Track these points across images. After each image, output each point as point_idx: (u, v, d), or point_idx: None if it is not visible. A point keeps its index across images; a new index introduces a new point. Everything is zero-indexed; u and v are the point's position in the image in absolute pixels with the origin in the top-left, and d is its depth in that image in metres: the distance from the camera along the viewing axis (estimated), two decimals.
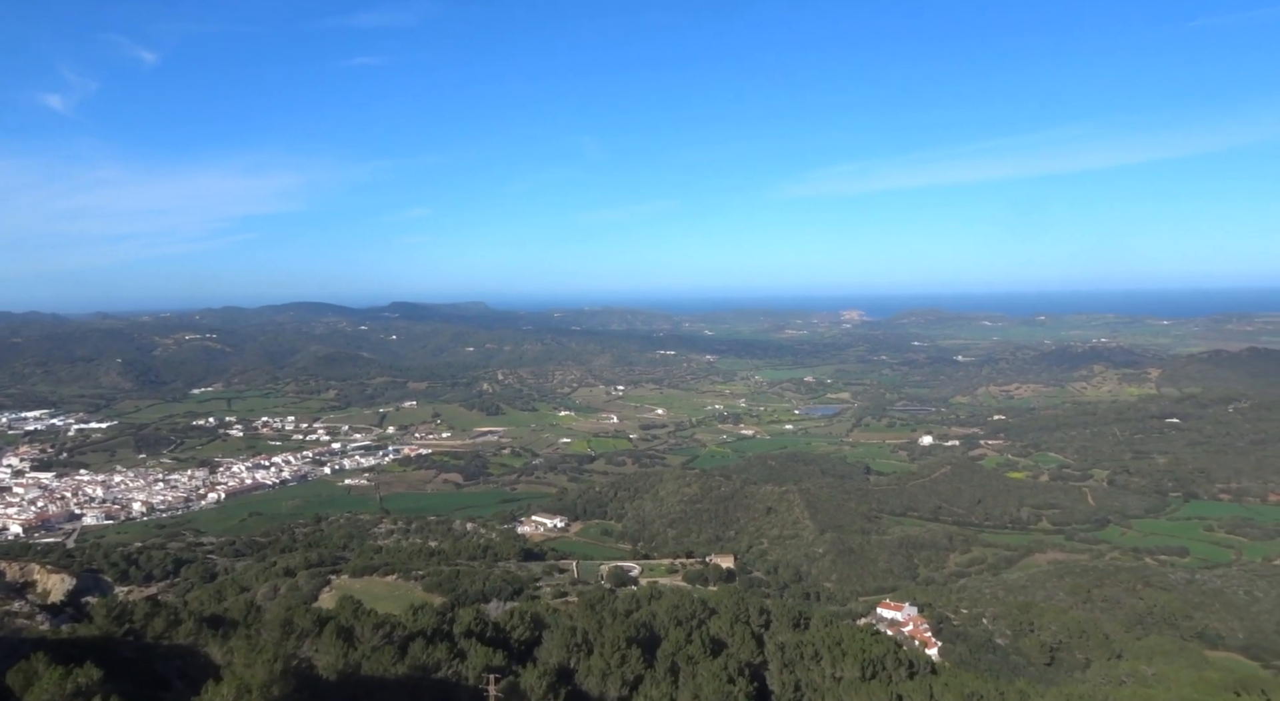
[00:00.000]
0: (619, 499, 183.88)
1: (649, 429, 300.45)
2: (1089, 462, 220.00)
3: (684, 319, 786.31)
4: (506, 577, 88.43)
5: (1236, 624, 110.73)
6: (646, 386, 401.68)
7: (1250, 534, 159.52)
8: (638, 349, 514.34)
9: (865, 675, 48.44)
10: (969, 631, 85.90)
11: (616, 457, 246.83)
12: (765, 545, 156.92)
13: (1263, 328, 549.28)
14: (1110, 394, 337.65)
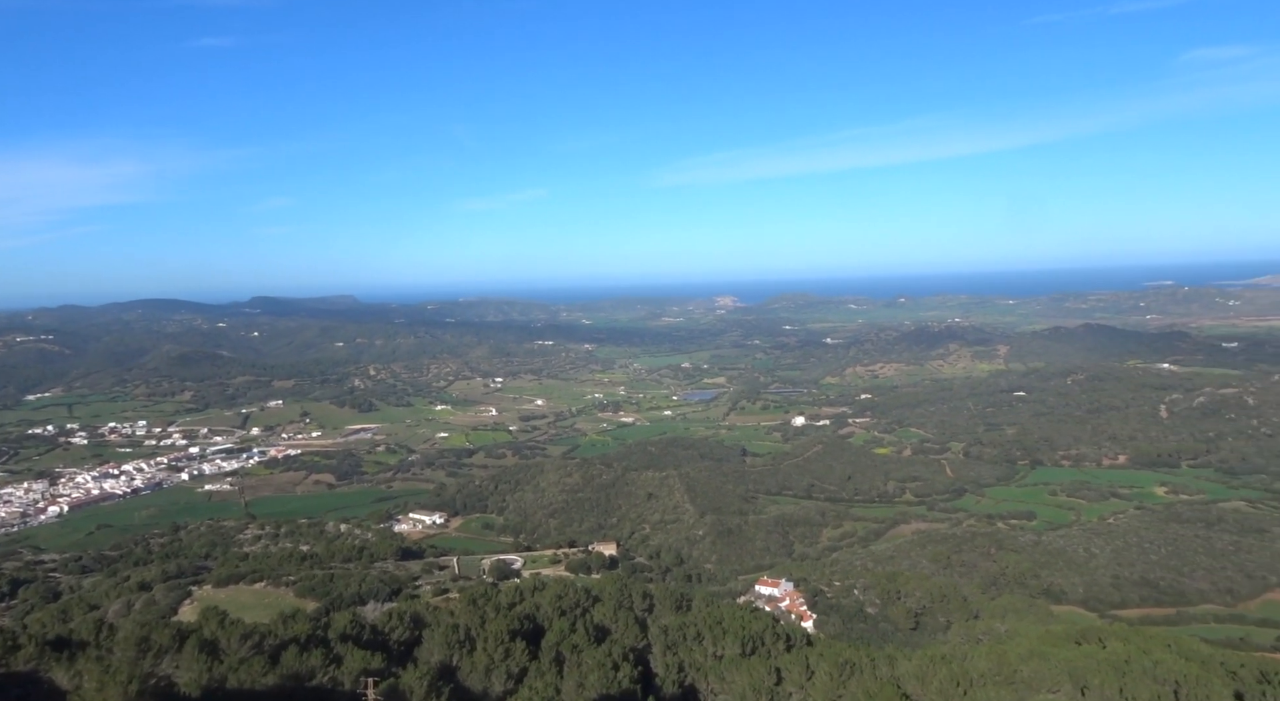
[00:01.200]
0: (500, 492, 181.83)
1: (529, 420, 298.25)
2: (947, 436, 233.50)
3: (562, 308, 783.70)
4: (384, 578, 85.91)
5: (1077, 579, 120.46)
6: (525, 377, 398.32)
7: (1088, 496, 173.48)
8: (515, 340, 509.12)
9: (745, 651, 49.75)
10: (842, 602, 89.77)
11: (496, 450, 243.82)
12: (647, 530, 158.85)
13: (1095, 305, 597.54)
14: (965, 370, 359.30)
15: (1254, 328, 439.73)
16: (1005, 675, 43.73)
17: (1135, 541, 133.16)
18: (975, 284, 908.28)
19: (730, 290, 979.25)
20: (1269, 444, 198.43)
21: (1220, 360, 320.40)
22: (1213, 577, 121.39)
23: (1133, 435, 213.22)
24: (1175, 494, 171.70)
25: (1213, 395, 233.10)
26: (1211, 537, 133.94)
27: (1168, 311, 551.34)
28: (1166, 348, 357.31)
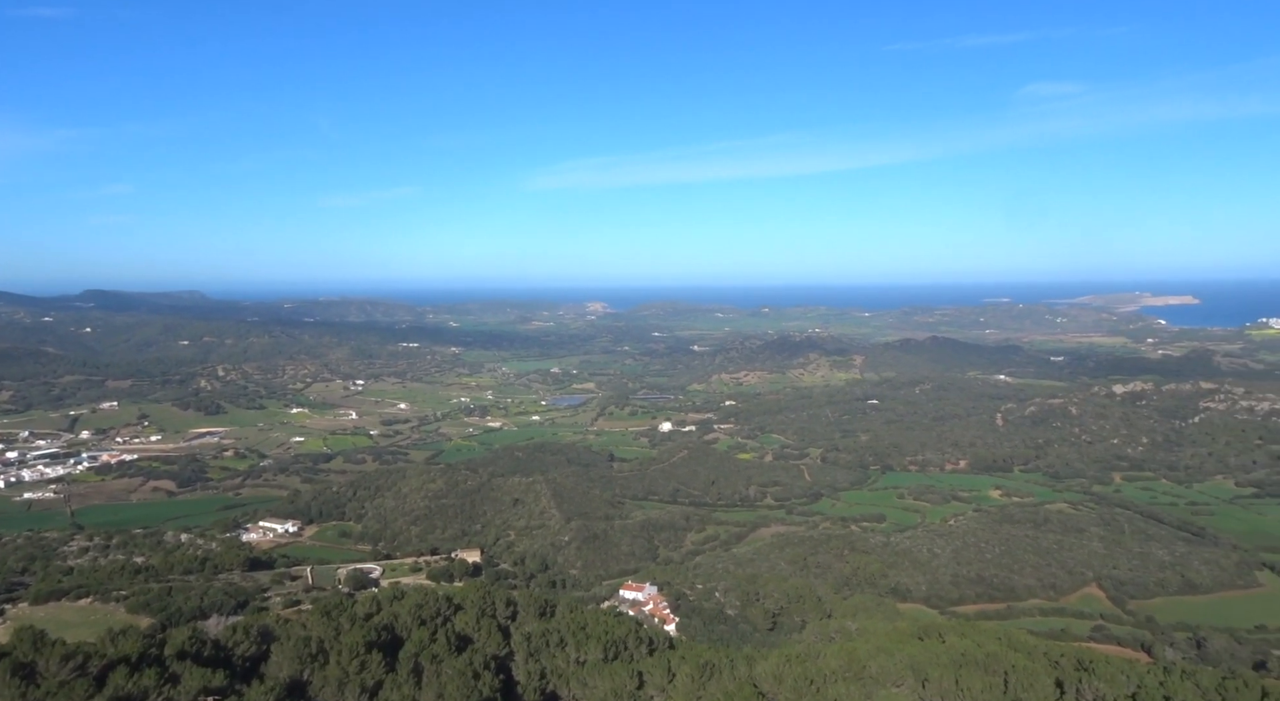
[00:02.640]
0: (359, 498, 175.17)
1: (391, 424, 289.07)
2: (806, 442, 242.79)
3: (429, 310, 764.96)
4: (229, 590, 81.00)
5: (921, 578, 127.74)
6: (388, 380, 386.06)
7: (932, 499, 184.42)
8: (378, 341, 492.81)
9: (608, 656, 49.85)
10: (704, 605, 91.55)
11: (356, 455, 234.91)
12: (513, 537, 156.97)
13: (941, 319, 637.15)
14: (823, 379, 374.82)
15: (1077, 343, 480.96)
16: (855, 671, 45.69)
17: (973, 542, 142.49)
18: (834, 296, 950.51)
19: (601, 296, 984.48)
20: (1089, 450, 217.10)
21: (1049, 372, 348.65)
22: (1039, 574, 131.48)
23: (972, 442, 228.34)
24: (1008, 496, 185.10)
25: (1042, 405, 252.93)
26: (1039, 537, 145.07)
27: (1004, 326, 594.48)
28: (1003, 360, 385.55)
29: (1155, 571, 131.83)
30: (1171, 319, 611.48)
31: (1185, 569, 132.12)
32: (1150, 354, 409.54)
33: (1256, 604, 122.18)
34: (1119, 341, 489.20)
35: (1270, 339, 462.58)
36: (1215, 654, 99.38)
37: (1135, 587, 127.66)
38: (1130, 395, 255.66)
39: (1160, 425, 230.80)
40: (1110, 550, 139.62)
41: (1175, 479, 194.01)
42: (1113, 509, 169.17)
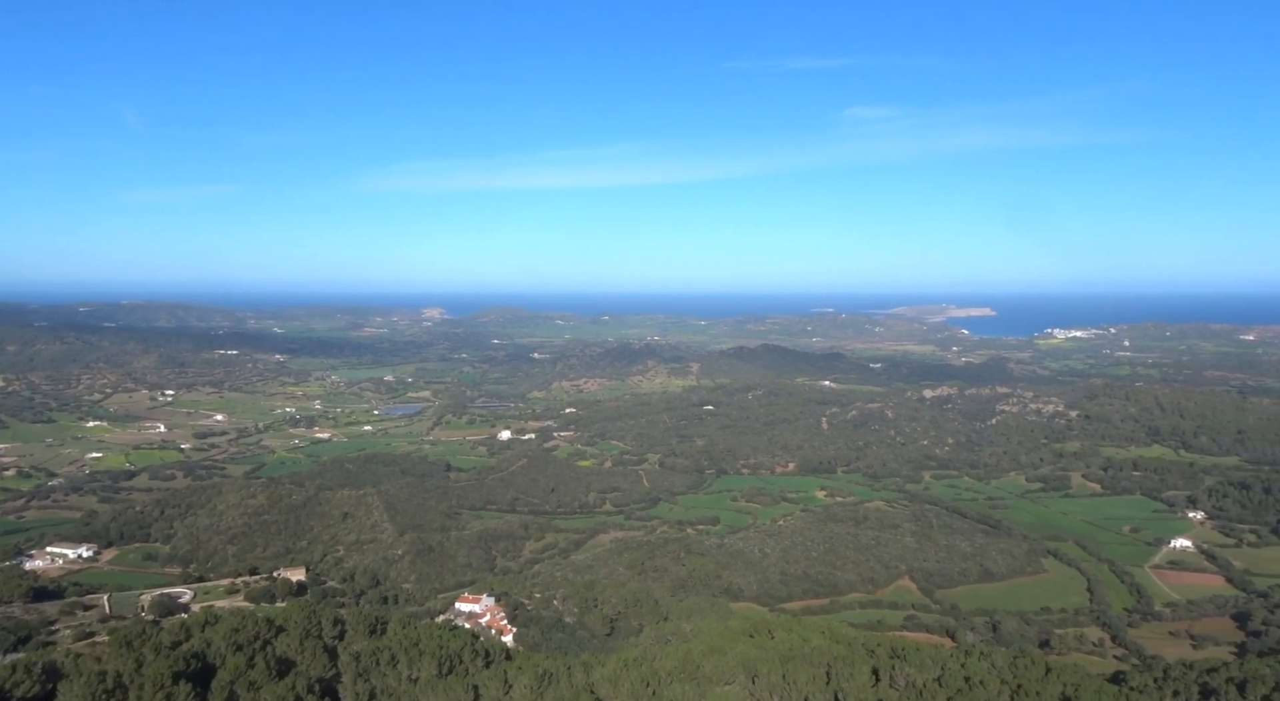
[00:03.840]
0: (167, 517, 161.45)
1: (206, 437, 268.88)
2: (645, 448, 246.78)
3: (250, 315, 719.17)
4: (9, 624, 72.52)
5: (753, 577, 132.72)
6: (203, 390, 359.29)
7: (763, 501, 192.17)
8: (192, 348, 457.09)
9: (442, 671, 48.45)
10: (541, 614, 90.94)
11: (164, 471, 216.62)
12: (341, 552, 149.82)
13: (772, 327, 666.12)
14: (662, 386, 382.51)
15: (893, 351, 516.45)
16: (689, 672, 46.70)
17: (800, 541, 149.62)
18: (673, 305, 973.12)
19: (439, 302, 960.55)
20: (903, 451, 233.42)
21: (869, 378, 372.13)
22: (859, 569, 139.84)
23: (801, 445, 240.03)
24: (832, 496, 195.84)
25: (862, 409, 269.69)
26: (859, 534, 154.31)
27: (829, 335, 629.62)
28: (828, 367, 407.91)
29: (959, 562, 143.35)
30: (973, 329, 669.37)
31: (984, 559, 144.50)
32: (955, 361, 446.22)
33: (1042, 588, 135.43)
34: (929, 350, 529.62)
35: (1054, 347, 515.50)
36: (1008, 635, 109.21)
37: (942, 578, 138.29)
38: (938, 399, 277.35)
39: (964, 427, 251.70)
40: (921, 544, 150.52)
41: (976, 476, 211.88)
42: (923, 505, 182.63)
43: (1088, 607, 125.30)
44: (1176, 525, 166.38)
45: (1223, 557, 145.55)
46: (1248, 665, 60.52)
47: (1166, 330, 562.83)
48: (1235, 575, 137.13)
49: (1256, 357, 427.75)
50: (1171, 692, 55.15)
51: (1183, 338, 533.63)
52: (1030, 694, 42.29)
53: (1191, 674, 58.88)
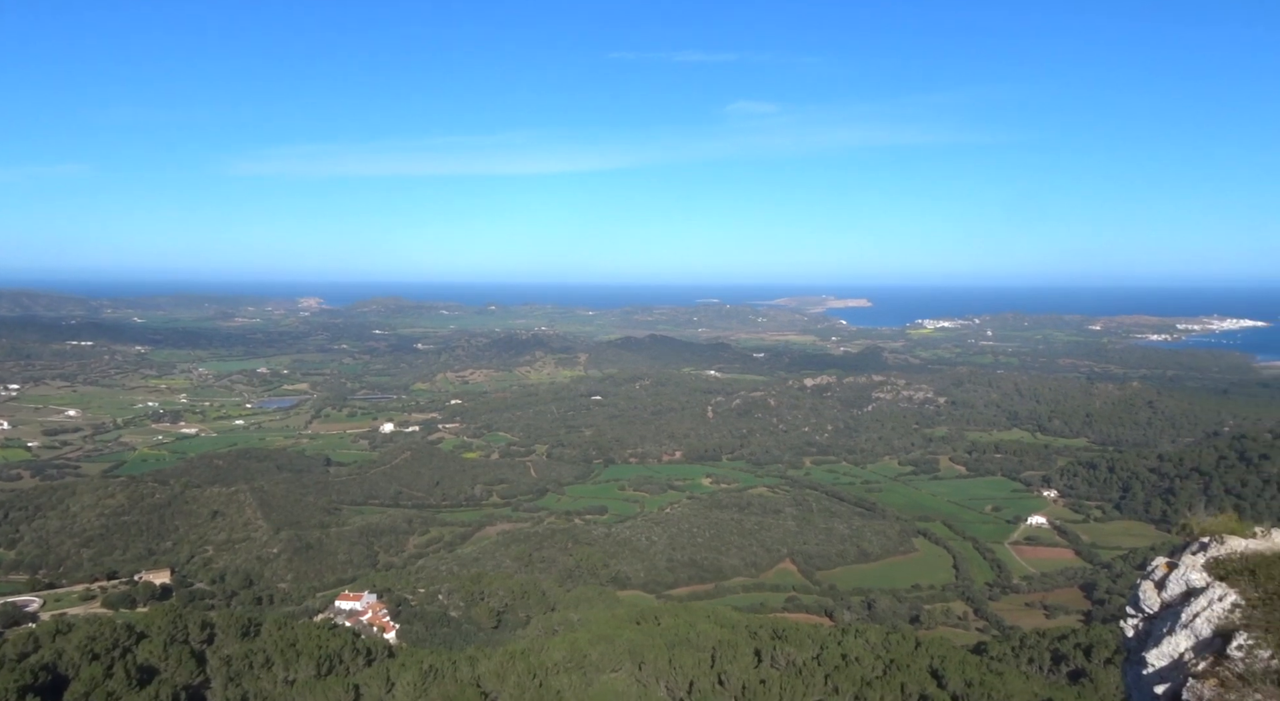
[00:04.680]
0: (11, 521, 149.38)
1: (56, 434, 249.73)
2: (532, 439, 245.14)
3: (106, 304, 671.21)
4: None
5: (640, 565, 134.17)
6: (53, 384, 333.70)
7: (650, 489, 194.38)
8: (39, 339, 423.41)
9: (321, 672, 46.89)
10: (426, 609, 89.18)
11: (8, 471, 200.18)
12: (211, 553, 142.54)
13: (659, 318, 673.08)
14: (549, 376, 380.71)
15: (775, 341, 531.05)
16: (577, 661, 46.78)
17: (686, 528, 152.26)
18: (560, 295, 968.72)
19: (316, 291, 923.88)
20: (784, 438, 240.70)
21: (752, 368, 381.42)
22: (742, 553, 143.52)
23: (687, 433, 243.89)
24: (718, 484, 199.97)
25: (746, 398, 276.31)
26: (743, 520, 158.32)
27: (715, 325, 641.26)
28: (713, 356, 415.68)
29: (837, 544, 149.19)
30: (850, 319, 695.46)
31: (860, 540, 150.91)
32: (834, 350, 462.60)
33: (913, 566, 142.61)
34: (809, 340, 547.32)
35: (924, 337, 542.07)
36: (882, 612, 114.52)
37: (821, 560, 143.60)
38: (818, 388, 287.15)
39: (842, 414, 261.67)
40: (801, 528, 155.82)
41: (853, 461, 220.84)
42: (804, 490, 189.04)
43: (954, 583, 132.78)
44: (1033, 503, 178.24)
45: (1072, 532, 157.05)
46: (1093, 631, 65.67)
47: (1025, 320, 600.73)
48: (1083, 548, 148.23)
49: (1102, 346, 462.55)
50: (1027, 660, 59.14)
51: (1039, 327, 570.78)
52: (901, 667, 44.50)
53: (1044, 641, 63.30)
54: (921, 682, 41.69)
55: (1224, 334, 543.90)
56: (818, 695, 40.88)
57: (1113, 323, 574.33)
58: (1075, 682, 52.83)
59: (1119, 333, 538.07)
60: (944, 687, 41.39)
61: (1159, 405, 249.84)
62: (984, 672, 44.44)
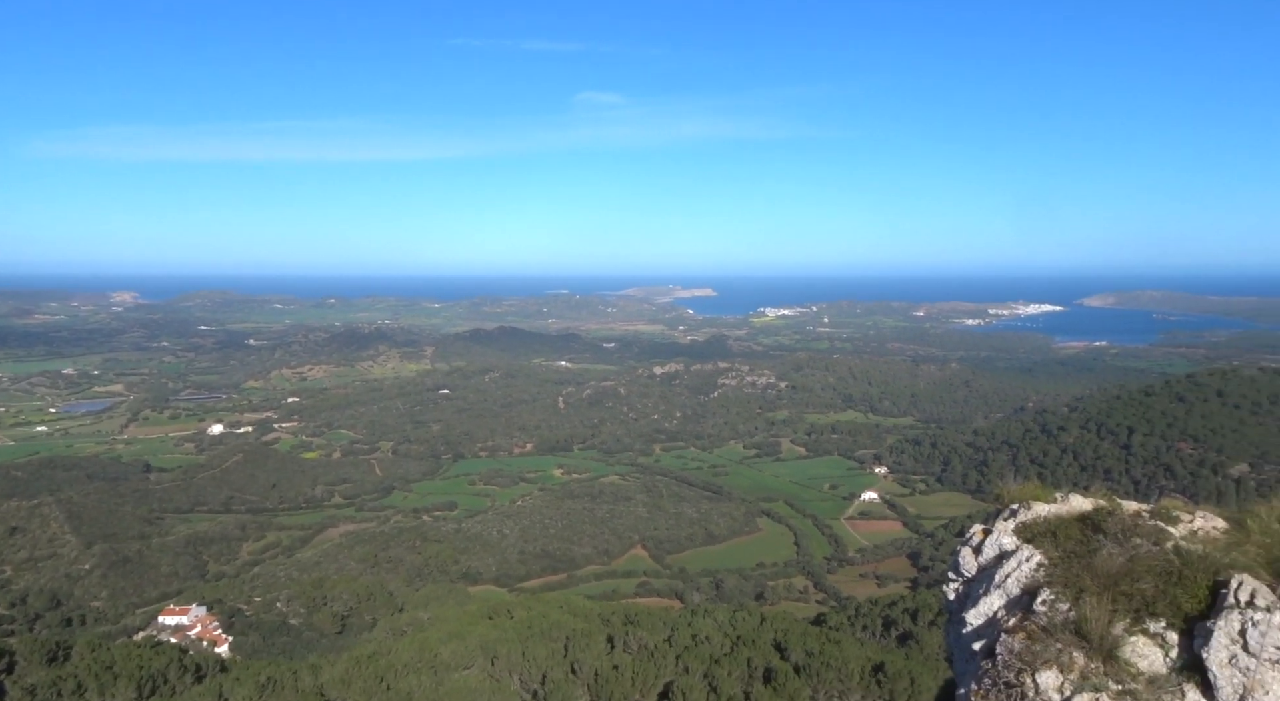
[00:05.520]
0: None
1: None
2: (377, 436, 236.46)
3: None
4: None
5: (491, 560, 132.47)
6: None
7: (501, 482, 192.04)
8: None
9: (143, 694, 43.50)
10: (262, 619, 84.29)
11: None
12: (9, 573, 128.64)
13: (509, 309, 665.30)
14: (394, 371, 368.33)
15: (625, 330, 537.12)
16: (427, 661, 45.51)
17: (538, 519, 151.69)
18: (405, 287, 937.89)
19: (132, 285, 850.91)
20: (635, 427, 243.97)
21: (603, 357, 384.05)
22: (594, 542, 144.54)
23: (538, 425, 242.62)
24: (569, 474, 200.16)
25: (597, 388, 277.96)
26: (594, 508, 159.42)
27: (565, 316, 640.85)
28: (564, 347, 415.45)
29: (686, 527, 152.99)
30: (697, 308, 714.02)
31: (708, 523, 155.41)
32: (682, 339, 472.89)
33: (758, 545, 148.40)
34: (658, 329, 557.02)
35: (766, 324, 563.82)
36: (730, 591, 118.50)
37: (671, 544, 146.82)
38: (667, 375, 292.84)
39: (690, 400, 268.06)
40: (652, 513, 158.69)
41: (701, 446, 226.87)
42: (654, 477, 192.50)
43: (795, 560, 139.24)
44: (865, 480, 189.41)
45: (901, 505, 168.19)
46: (919, 596, 70.51)
47: (857, 307, 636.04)
48: (910, 520, 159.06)
49: (925, 331, 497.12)
50: (861, 627, 62.73)
51: (870, 314, 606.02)
52: (748, 643, 46.06)
53: (876, 609, 67.37)
54: (766, 656, 43.29)
55: (1028, 317, 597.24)
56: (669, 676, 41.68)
57: (934, 308, 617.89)
58: (904, 645, 56.51)
59: (939, 318, 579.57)
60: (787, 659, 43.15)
61: (974, 384, 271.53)
62: (823, 642, 46.68)
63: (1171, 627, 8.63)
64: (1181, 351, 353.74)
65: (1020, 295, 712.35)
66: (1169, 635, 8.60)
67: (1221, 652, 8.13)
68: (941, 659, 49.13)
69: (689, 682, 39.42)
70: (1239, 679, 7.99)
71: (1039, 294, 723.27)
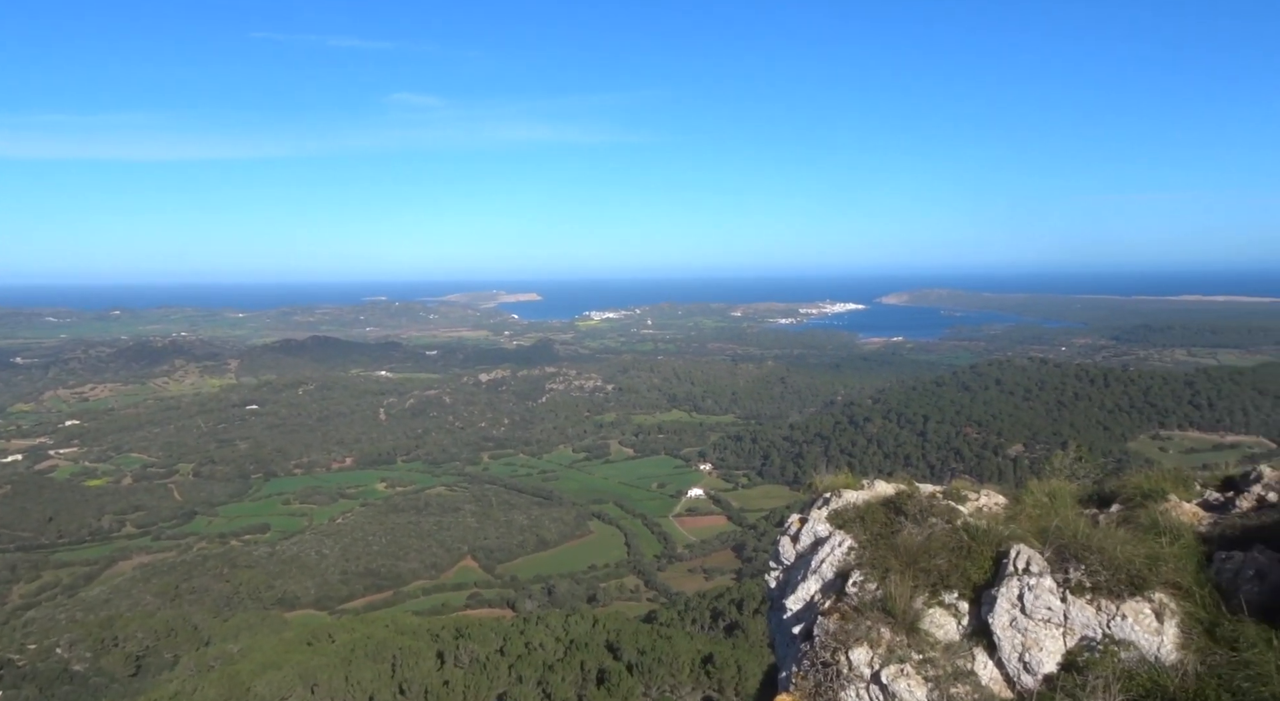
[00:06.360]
0: None
1: None
2: (175, 458, 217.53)
3: None
4: None
5: (310, 582, 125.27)
6: None
7: (319, 500, 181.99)
8: None
9: None
10: (39, 667, 75.29)
11: None
12: None
13: (322, 318, 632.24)
14: (194, 387, 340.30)
15: (449, 337, 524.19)
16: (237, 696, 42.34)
17: (361, 536, 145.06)
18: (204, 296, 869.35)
19: None
20: (462, 435, 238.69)
21: (425, 366, 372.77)
22: (422, 556, 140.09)
23: (358, 438, 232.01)
24: (393, 487, 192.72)
25: (420, 397, 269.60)
26: (421, 521, 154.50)
27: (383, 324, 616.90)
28: (384, 356, 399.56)
29: (517, 535, 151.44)
30: (522, 313, 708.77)
31: (539, 529, 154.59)
32: (507, 345, 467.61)
33: (589, 548, 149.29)
34: (482, 335, 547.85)
35: (592, 328, 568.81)
36: (562, 596, 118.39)
37: (502, 552, 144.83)
38: (493, 382, 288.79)
39: (518, 407, 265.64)
40: (481, 523, 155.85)
41: (530, 452, 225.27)
42: (483, 486, 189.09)
43: (626, 560, 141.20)
44: (692, 477, 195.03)
45: (725, 500, 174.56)
46: (744, 587, 73.44)
47: (679, 309, 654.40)
48: (734, 513, 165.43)
49: (743, 331, 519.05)
50: (691, 621, 64.49)
51: (691, 316, 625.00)
52: (581, 646, 46.11)
53: (705, 602, 69.53)
54: (599, 658, 43.55)
55: (835, 316, 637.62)
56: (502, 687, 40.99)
57: (750, 309, 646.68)
58: (731, 635, 58.61)
59: (755, 318, 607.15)
60: (619, 659, 43.60)
61: (789, 381, 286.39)
62: (655, 639, 47.54)
63: (963, 597, 9.37)
64: (965, 345, 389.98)
65: (827, 295, 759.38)
66: (961, 604, 9.32)
67: (1004, 616, 8.90)
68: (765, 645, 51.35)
69: (522, 691, 38.97)
70: (1018, 638, 8.77)
71: (844, 294, 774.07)
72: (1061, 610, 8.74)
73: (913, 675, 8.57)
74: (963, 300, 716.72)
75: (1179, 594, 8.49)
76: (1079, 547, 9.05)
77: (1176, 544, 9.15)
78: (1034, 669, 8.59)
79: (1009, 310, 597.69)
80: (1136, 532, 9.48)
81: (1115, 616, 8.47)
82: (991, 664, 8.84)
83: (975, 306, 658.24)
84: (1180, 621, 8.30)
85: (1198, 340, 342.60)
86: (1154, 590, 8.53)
